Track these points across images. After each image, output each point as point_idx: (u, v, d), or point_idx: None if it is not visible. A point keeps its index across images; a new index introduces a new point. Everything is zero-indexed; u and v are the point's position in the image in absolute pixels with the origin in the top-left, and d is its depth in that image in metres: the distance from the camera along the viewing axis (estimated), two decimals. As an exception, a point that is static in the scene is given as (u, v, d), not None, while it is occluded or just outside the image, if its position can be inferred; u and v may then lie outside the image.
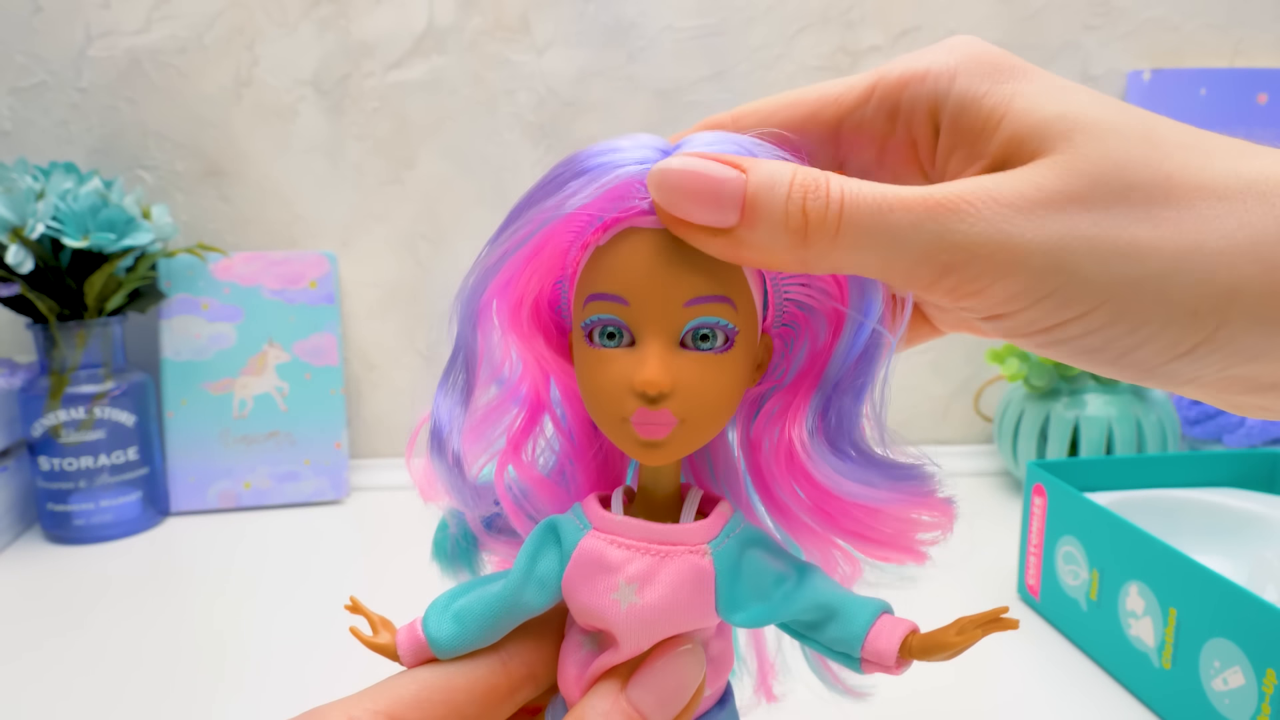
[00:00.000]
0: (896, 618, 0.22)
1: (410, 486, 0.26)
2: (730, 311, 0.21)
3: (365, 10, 0.76)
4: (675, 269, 0.21)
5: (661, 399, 0.21)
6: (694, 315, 0.21)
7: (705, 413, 0.21)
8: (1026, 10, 0.77)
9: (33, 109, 0.76)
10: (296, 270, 0.76)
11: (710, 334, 0.21)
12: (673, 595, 0.21)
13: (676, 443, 0.21)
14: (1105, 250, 0.19)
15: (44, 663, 0.50)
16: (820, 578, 0.23)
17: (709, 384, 0.21)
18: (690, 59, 0.77)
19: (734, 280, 0.21)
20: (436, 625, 0.23)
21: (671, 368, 0.21)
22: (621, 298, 0.21)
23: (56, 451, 0.67)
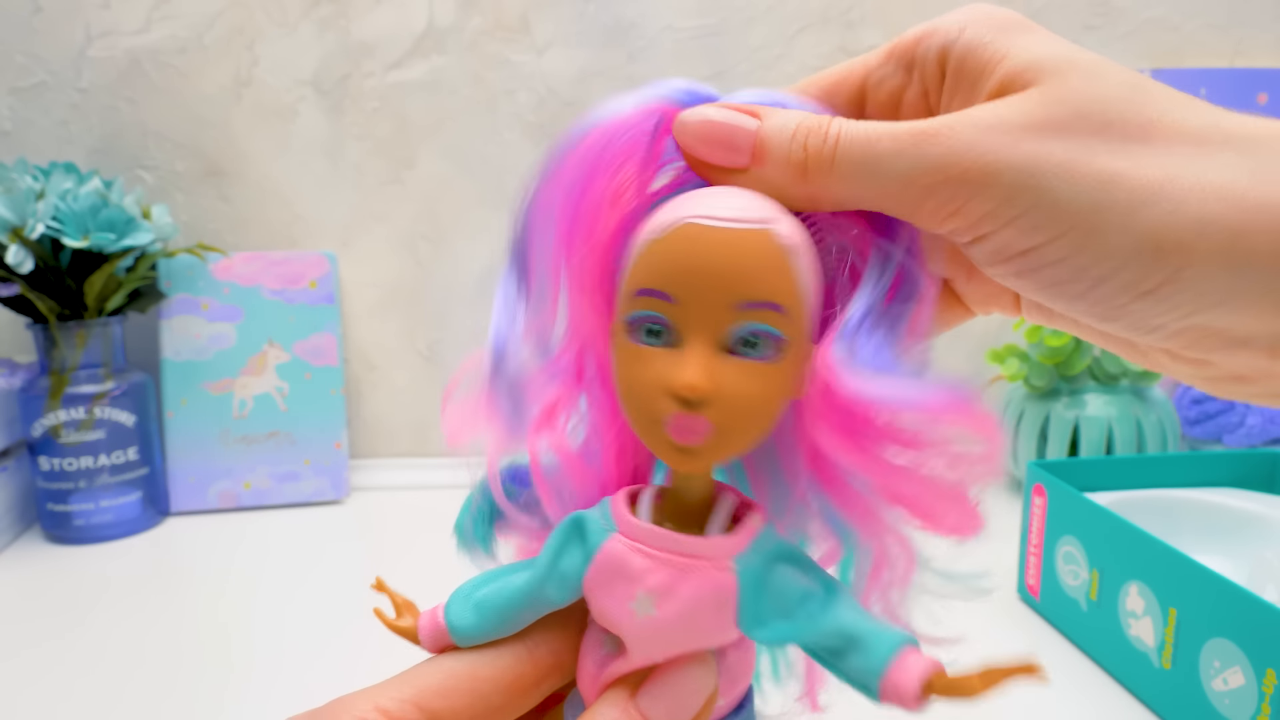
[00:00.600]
0: (920, 654, 0.21)
1: (410, 487, 0.26)
2: (781, 319, 0.20)
3: (365, 10, 0.76)
4: (727, 270, 0.20)
5: (700, 405, 0.20)
6: (743, 319, 0.20)
7: (744, 423, 0.20)
8: (1026, 10, 0.77)
9: (33, 109, 0.76)
10: (296, 270, 0.76)
11: (758, 341, 0.20)
12: (691, 612, 0.21)
13: (711, 451, 0.20)
14: (1076, 175, 0.19)
15: (44, 663, 0.50)
16: (847, 602, 0.22)
17: (751, 393, 0.20)
18: (690, 59, 0.77)
19: (788, 287, 0.20)
20: (458, 614, 0.23)
21: (714, 373, 0.20)
22: (669, 295, 0.20)
23: (56, 451, 0.67)
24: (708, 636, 0.21)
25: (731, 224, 0.20)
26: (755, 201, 0.21)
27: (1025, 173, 0.20)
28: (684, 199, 0.21)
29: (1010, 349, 0.72)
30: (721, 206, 0.21)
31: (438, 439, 0.82)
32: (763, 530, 0.22)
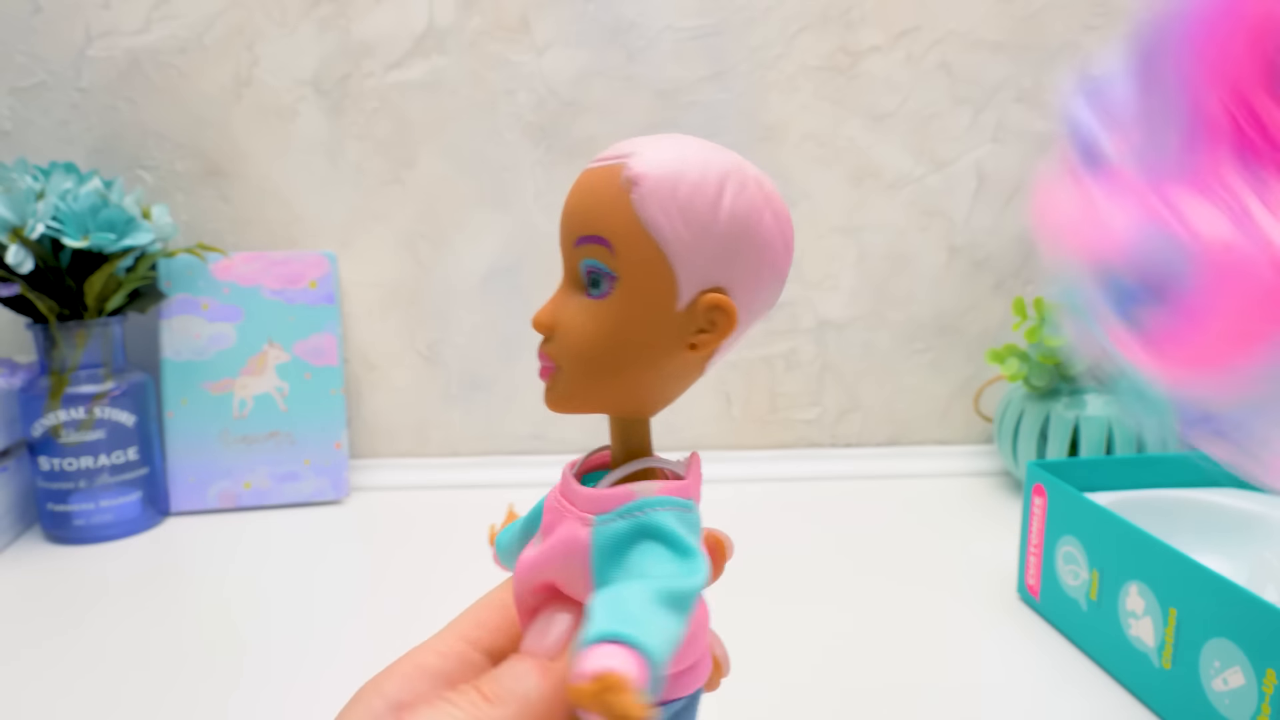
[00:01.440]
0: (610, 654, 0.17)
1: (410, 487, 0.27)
2: (605, 254, 0.20)
3: (365, 10, 0.76)
4: (573, 207, 0.21)
5: (545, 342, 0.21)
6: (581, 256, 0.21)
7: (576, 360, 0.21)
8: (1026, 10, 0.77)
9: (33, 109, 0.76)
10: (296, 270, 0.76)
11: (597, 278, 0.20)
12: (547, 553, 0.21)
13: (559, 389, 0.21)
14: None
15: (44, 663, 0.50)
16: (639, 586, 0.19)
17: (578, 329, 0.20)
18: (690, 59, 0.77)
19: (618, 221, 0.20)
20: (503, 533, 0.26)
21: (558, 310, 0.21)
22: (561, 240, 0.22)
23: (56, 451, 0.67)
24: (562, 581, 0.22)
25: (598, 163, 0.21)
26: (655, 141, 0.21)
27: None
28: None
29: (1010, 349, 0.72)
30: (611, 148, 0.21)
31: (438, 439, 0.82)
32: (644, 499, 0.20)
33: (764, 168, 0.21)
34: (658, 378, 0.21)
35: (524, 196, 0.79)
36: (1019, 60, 0.78)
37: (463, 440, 0.82)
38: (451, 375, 0.81)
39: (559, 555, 0.21)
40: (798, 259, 0.80)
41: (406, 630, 0.29)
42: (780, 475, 0.79)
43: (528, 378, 0.82)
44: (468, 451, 0.82)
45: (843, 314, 0.81)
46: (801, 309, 0.81)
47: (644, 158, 0.20)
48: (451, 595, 0.31)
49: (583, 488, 0.21)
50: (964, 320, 0.81)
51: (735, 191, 0.20)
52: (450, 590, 0.25)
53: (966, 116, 0.78)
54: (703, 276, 0.20)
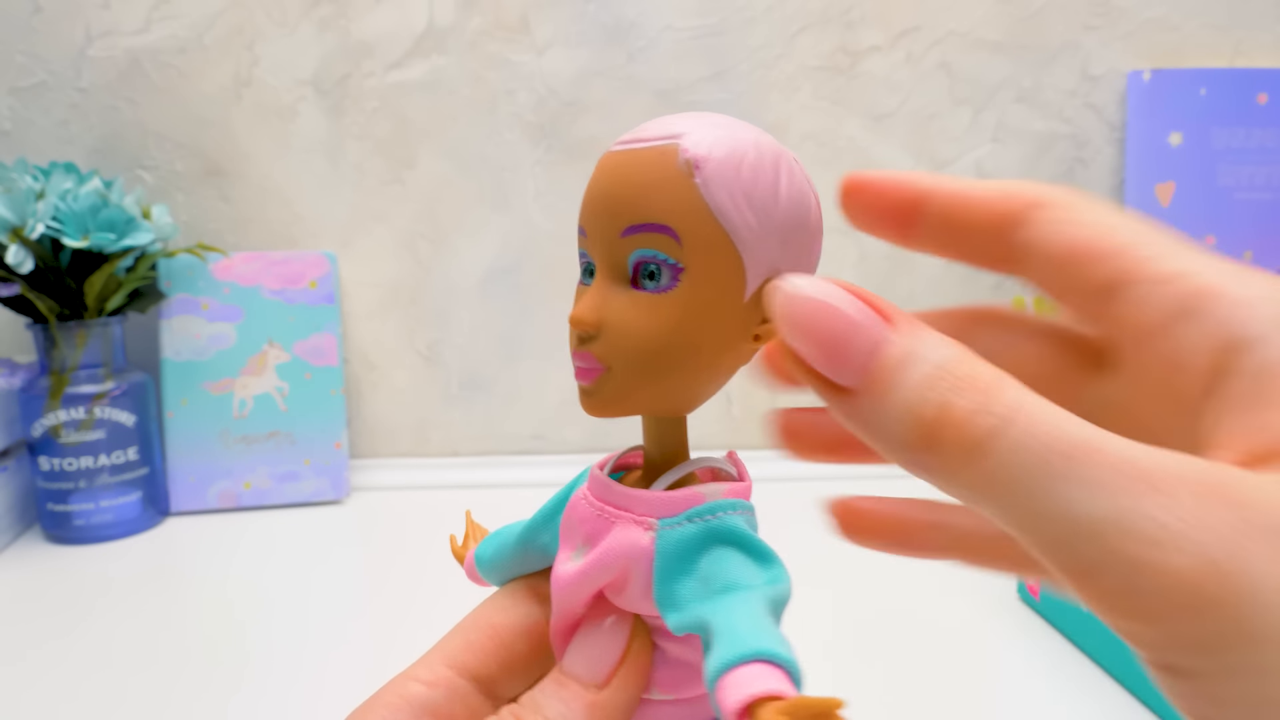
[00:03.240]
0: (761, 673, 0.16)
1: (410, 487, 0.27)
2: (671, 244, 0.18)
3: (365, 10, 0.76)
4: (615, 193, 0.18)
5: (588, 340, 0.18)
6: (633, 247, 0.18)
7: (632, 360, 0.18)
8: (1026, 10, 0.77)
9: (33, 109, 0.76)
10: (296, 270, 0.76)
11: (656, 270, 0.18)
12: (597, 566, 0.19)
13: (605, 392, 0.19)
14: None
15: (44, 663, 0.50)
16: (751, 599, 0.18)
17: (636, 326, 0.18)
18: (690, 59, 0.77)
19: (684, 206, 0.18)
20: (483, 545, 0.24)
21: (601, 305, 0.18)
22: (583, 229, 0.19)
23: (56, 451, 0.67)
24: (615, 592, 0.20)
25: (634, 145, 0.19)
26: (690, 119, 0.19)
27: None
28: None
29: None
30: (642, 129, 0.19)
31: (438, 439, 0.82)
32: (714, 501, 0.19)
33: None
34: (715, 373, 0.20)
35: (524, 196, 0.79)
36: (1019, 60, 0.78)
37: (463, 440, 0.82)
38: (451, 375, 0.81)
39: (612, 565, 0.19)
40: (798, 259, 0.80)
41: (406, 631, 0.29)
42: (780, 475, 0.79)
43: (528, 378, 0.82)
44: (468, 451, 0.82)
45: (843, 314, 0.81)
46: (801, 309, 0.81)
47: (698, 138, 0.18)
48: (451, 596, 0.31)
49: (637, 490, 0.19)
50: (964, 320, 0.81)
51: (788, 174, 0.19)
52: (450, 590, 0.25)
53: (966, 116, 0.78)
54: (766, 263, 0.19)
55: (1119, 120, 0.79)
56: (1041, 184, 0.19)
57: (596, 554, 0.19)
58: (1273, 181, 0.78)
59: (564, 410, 0.81)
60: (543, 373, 0.81)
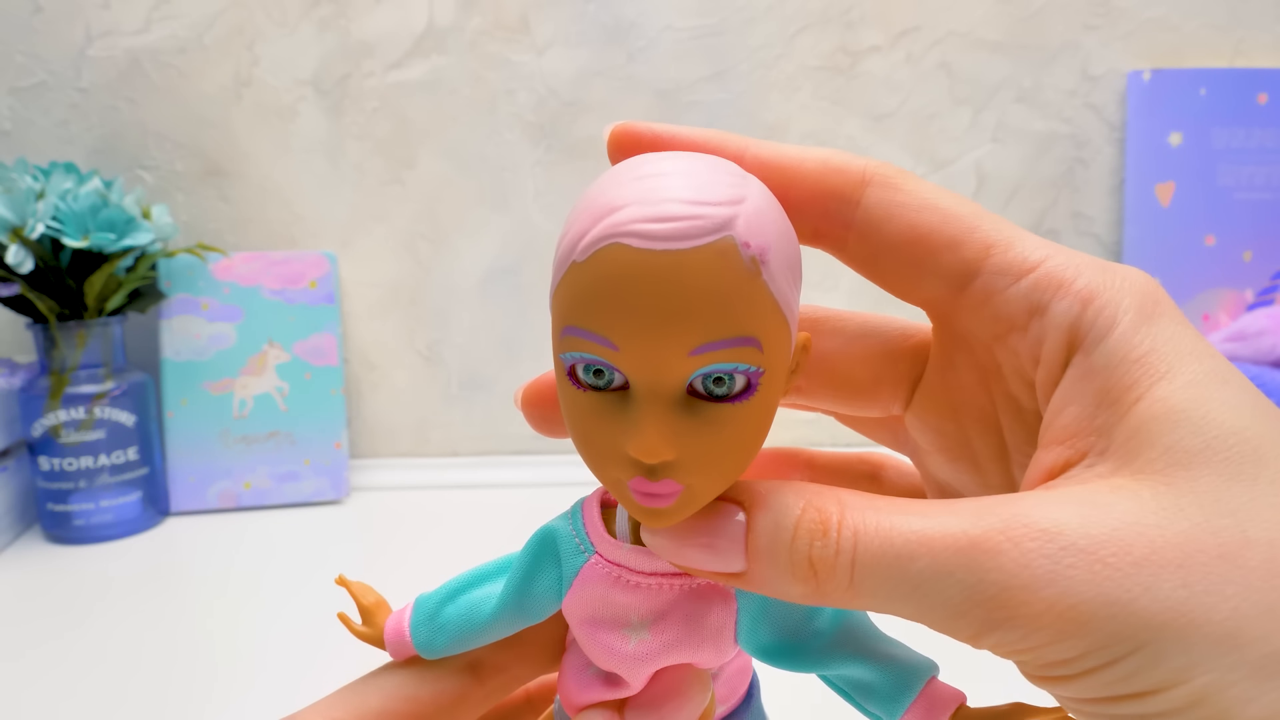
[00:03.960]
0: (942, 688, 0.19)
1: (410, 487, 0.26)
2: (755, 354, 0.16)
3: (365, 10, 0.76)
4: (676, 310, 0.15)
5: (664, 468, 0.16)
6: (705, 363, 0.16)
7: (718, 475, 0.17)
8: (1026, 10, 0.77)
9: (33, 109, 0.76)
10: (296, 270, 0.76)
11: (727, 379, 0.16)
12: (688, 632, 0.19)
13: (684, 509, 0.17)
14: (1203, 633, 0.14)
15: (44, 663, 0.50)
16: (859, 620, 0.19)
17: (723, 444, 0.17)
18: (690, 59, 0.77)
19: (760, 311, 0.16)
20: (422, 634, 0.21)
21: (676, 431, 0.16)
22: (608, 341, 0.16)
23: (56, 451, 0.67)
24: (706, 658, 0.19)
25: (673, 244, 0.15)
26: (707, 186, 0.16)
27: (1124, 620, 0.14)
28: (605, 194, 0.16)
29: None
30: (658, 209, 0.16)
31: (438, 439, 0.82)
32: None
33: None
34: None
35: (524, 196, 0.79)
36: (1019, 60, 0.78)
37: (463, 440, 0.82)
38: (451, 375, 0.81)
39: (706, 627, 0.19)
40: (798, 259, 0.80)
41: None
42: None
43: (528, 378, 0.81)
44: (468, 451, 0.82)
45: (843, 314, 0.81)
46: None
47: (748, 223, 0.16)
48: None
49: None
50: (964, 320, 0.81)
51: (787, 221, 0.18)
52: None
53: (966, 116, 0.78)
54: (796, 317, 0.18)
55: (1119, 120, 0.79)
56: (862, 158, 0.19)
57: (680, 624, 0.19)
58: (1273, 181, 0.78)
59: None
60: (544, 372, 0.81)
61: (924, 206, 0.18)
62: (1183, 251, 0.79)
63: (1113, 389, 0.16)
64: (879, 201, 0.19)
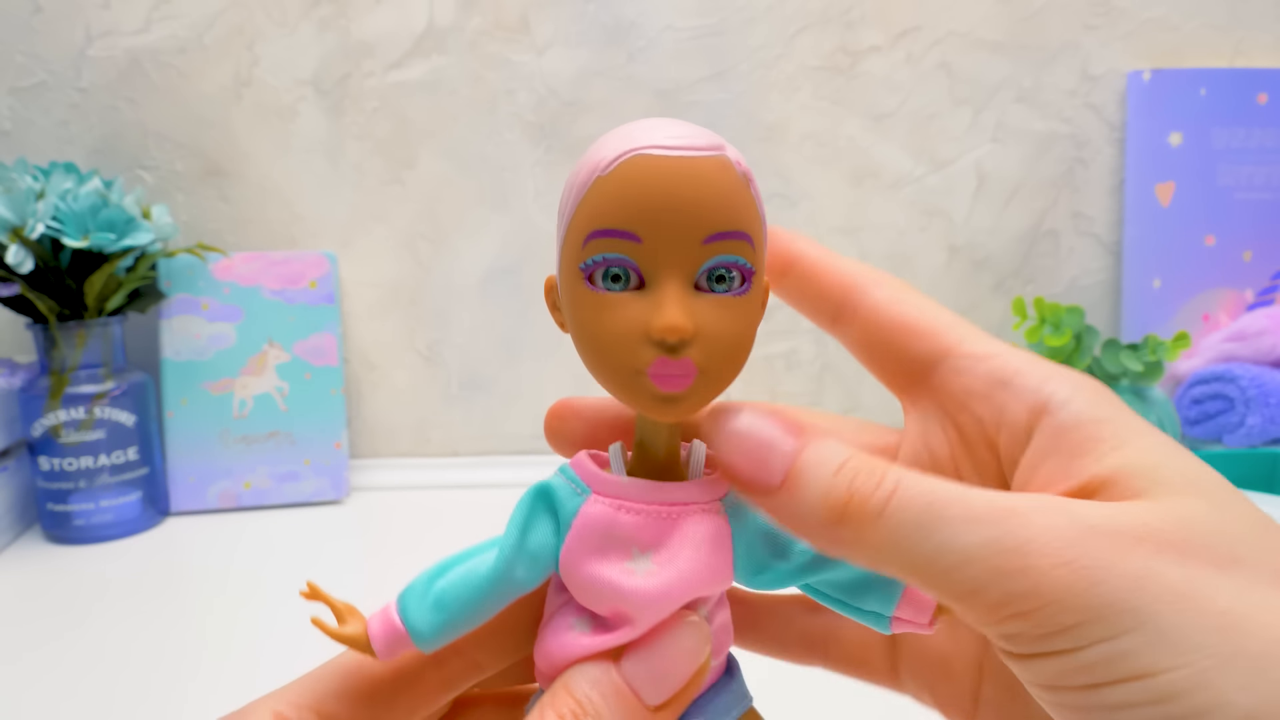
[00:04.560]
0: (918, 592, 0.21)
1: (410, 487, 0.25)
2: (749, 249, 0.19)
3: (365, 10, 0.76)
4: (694, 200, 0.19)
5: (683, 346, 0.19)
6: (713, 254, 0.19)
7: (726, 360, 0.19)
8: (1026, 10, 0.77)
9: (33, 109, 0.76)
10: (296, 270, 0.76)
11: (727, 274, 0.19)
12: (693, 559, 0.20)
13: (696, 395, 0.19)
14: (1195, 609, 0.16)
15: (44, 663, 0.50)
16: None
17: (730, 328, 0.19)
18: (690, 59, 0.77)
19: (752, 215, 0.20)
20: (418, 616, 0.21)
21: (692, 311, 0.19)
22: (633, 234, 0.19)
23: (56, 451, 0.67)
24: (712, 583, 0.20)
25: (686, 151, 0.19)
26: (697, 129, 0.20)
27: (1132, 592, 0.16)
28: (619, 133, 0.20)
29: (1010, 349, 0.72)
30: (668, 134, 0.19)
31: (438, 439, 0.82)
32: None
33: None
34: None
35: (524, 196, 0.79)
36: (1019, 60, 0.78)
37: (463, 440, 0.82)
38: (451, 375, 0.81)
39: (707, 554, 0.20)
40: (798, 259, 0.80)
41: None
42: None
43: (528, 378, 0.82)
44: (468, 451, 0.82)
45: (843, 314, 0.81)
46: (801, 309, 0.81)
47: (731, 150, 0.20)
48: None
49: (687, 483, 0.20)
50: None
51: None
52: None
53: (966, 116, 0.78)
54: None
55: (1119, 120, 0.79)
56: (878, 270, 0.24)
57: (685, 551, 0.20)
58: (1273, 181, 0.78)
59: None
60: (543, 373, 0.81)
61: (918, 304, 0.23)
62: (1183, 251, 0.79)
63: (1085, 442, 0.19)
64: (885, 297, 0.23)
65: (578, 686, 0.19)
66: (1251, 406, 0.70)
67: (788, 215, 0.79)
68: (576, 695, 0.19)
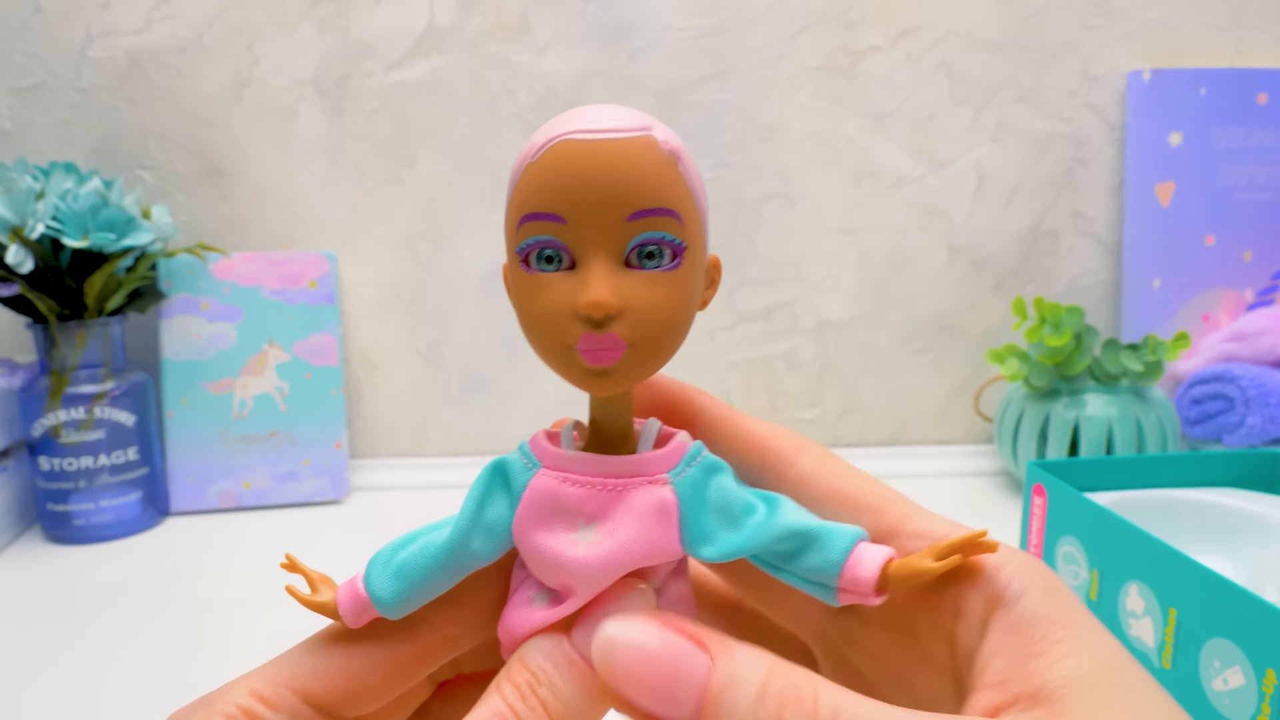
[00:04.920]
0: (874, 545, 0.21)
1: (410, 487, 0.25)
2: (676, 225, 0.20)
3: (365, 10, 0.76)
4: (615, 180, 0.19)
5: (608, 321, 0.19)
6: (638, 230, 0.19)
7: (656, 334, 0.20)
8: (1026, 10, 0.77)
9: (33, 109, 0.76)
10: (296, 270, 0.76)
11: (657, 251, 0.20)
12: (635, 530, 0.20)
13: (627, 369, 0.20)
14: None
15: (44, 663, 0.50)
16: (792, 506, 0.21)
17: (658, 303, 0.20)
18: (690, 59, 0.77)
19: (679, 191, 0.20)
20: (380, 583, 0.22)
21: (618, 287, 0.19)
22: (558, 215, 0.19)
23: (56, 451, 0.67)
24: (656, 554, 0.21)
25: (609, 134, 0.19)
26: (628, 112, 0.20)
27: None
28: (553, 120, 0.20)
29: (1010, 349, 0.72)
30: (594, 119, 0.20)
31: (438, 439, 0.82)
32: (693, 445, 0.21)
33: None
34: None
35: (524, 196, 0.79)
36: (1019, 60, 0.78)
37: (463, 440, 0.82)
38: (451, 375, 0.81)
39: (649, 525, 0.20)
40: (798, 259, 0.80)
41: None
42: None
43: (528, 377, 0.82)
44: (468, 451, 0.82)
45: (843, 314, 0.81)
46: (801, 309, 0.81)
47: (662, 132, 0.20)
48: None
49: (635, 456, 0.21)
50: (964, 320, 0.81)
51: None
52: (451, 590, 0.25)
53: (966, 116, 0.78)
54: (707, 234, 0.21)
55: (1119, 120, 0.79)
56: (791, 432, 0.23)
57: (626, 522, 0.20)
58: (1273, 181, 0.78)
59: (564, 410, 0.81)
60: (543, 373, 0.81)
61: (850, 474, 0.22)
62: (1183, 251, 0.79)
63: (1038, 643, 0.18)
64: (813, 465, 0.22)
65: (532, 658, 0.20)
66: (1251, 406, 0.70)
67: (788, 215, 0.79)
68: (531, 667, 0.20)
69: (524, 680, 0.20)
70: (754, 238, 0.79)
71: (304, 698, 0.21)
